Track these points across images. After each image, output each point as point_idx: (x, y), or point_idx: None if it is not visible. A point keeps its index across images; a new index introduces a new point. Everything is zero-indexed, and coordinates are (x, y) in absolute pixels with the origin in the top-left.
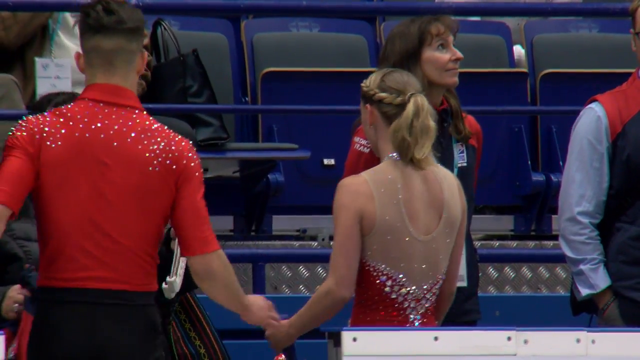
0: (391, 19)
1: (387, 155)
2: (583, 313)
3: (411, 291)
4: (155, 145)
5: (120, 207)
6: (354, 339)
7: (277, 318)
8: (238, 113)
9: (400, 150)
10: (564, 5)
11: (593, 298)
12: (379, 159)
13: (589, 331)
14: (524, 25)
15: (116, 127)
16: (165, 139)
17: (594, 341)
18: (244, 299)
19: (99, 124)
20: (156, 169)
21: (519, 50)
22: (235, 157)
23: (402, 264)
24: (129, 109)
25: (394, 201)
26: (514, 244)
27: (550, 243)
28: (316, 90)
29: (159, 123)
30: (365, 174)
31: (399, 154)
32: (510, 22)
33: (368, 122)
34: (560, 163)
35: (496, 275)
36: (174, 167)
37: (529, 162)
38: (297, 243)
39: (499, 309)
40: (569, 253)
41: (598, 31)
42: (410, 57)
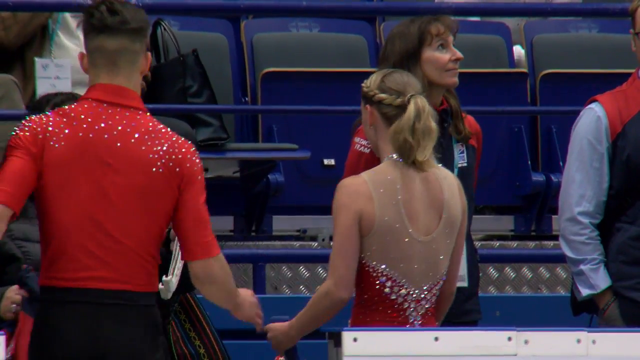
0: (391, 19)
1: (387, 156)
2: (583, 313)
3: (411, 292)
4: (159, 147)
5: (122, 208)
6: (355, 339)
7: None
8: (238, 113)
9: (401, 152)
10: (564, 5)
11: (593, 298)
12: (379, 159)
13: (589, 331)
14: (523, 26)
15: (120, 128)
16: (169, 141)
17: (594, 341)
18: (238, 298)
19: (102, 124)
20: (160, 170)
21: (518, 51)
22: (235, 157)
23: (402, 265)
24: (133, 109)
25: (393, 202)
26: (514, 244)
27: (550, 243)
28: (316, 90)
29: (162, 125)
30: (364, 175)
31: (401, 155)
32: (510, 23)
33: (368, 123)
34: (560, 163)
35: (496, 275)
36: (177, 170)
37: (529, 162)
38: (297, 243)
39: (499, 309)
40: (569, 253)
41: (598, 31)
42: (410, 57)
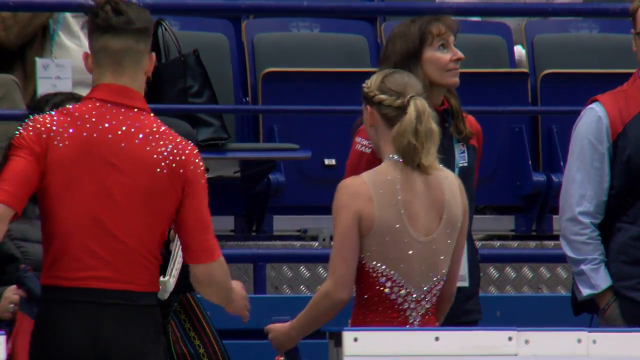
0: (392, 19)
1: (388, 156)
2: (584, 313)
3: (411, 292)
4: (163, 148)
5: (126, 208)
6: (355, 339)
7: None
8: (239, 113)
9: (405, 154)
10: (565, 5)
11: (594, 298)
12: (380, 159)
13: (590, 331)
14: (524, 26)
15: (124, 128)
16: (173, 142)
17: (595, 341)
18: (233, 295)
19: (106, 124)
20: (164, 171)
21: (519, 51)
22: (236, 157)
23: (402, 265)
24: (137, 110)
25: (393, 202)
26: (514, 244)
27: (551, 243)
28: (317, 90)
29: (166, 126)
30: (364, 175)
31: (405, 158)
32: (511, 23)
33: (369, 124)
34: (561, 163)
35: (497, 275)
36: (181, 172)
37: (530, 162)
38: (298, 243)
39: (499, 309)
40: (569, 253)
41: (598, 31)
42: (411, 57)
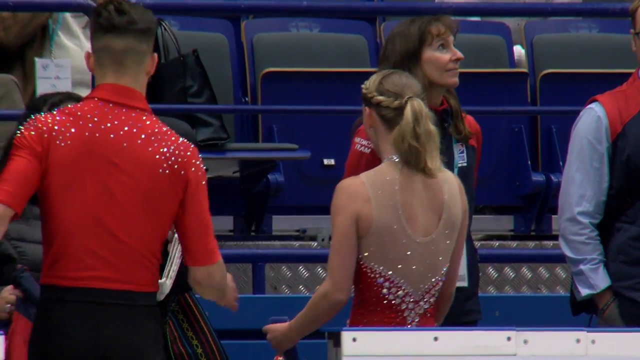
0: (391, 19)
1: (387, 157)
2: (583, 313)
3: (409, 293)
4: (165, 149)
5: (128, 208)
6: (354, 339)
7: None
8: (238, 113)
9: (409, 158)
10: (564, 5)
11: (593, 298)
12: (380, 159)
13: (588, 331)
14: (524, 26)
15: (126, 128)
16: (175, 143)
17: (593, 341)
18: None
19: (108, 124)
20: (166, 171)
21: (519, 51)
22: (235, 157)
23: (400, 266)
24: (139, 110)
25: (391, 203)
26: (513, 244)
27: (550, 243)
28: (316, 90)
29: (167, 127)
30: (363, 176)
31: (408, 161)
32: (510, 23)
33: (368, 125)
34: (560, 163)
35: (496, 275)
36: (182, 173)
37: (529, 162)
38: (297, 243)
39: (498, 309)
40: (568, 253)
41: (598, 31)
42: (410, 57)
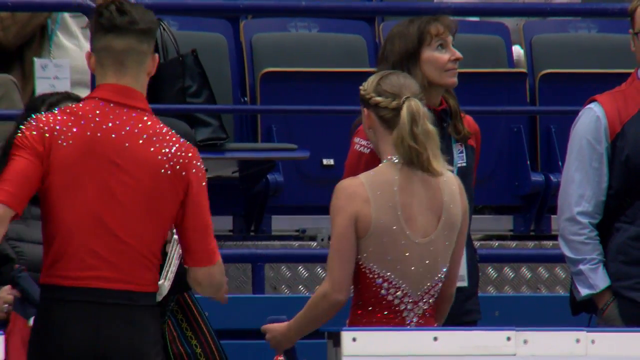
0: (390, 19)
1: (387, 157)
2: (582, 313)
3: (408, 293)
4: (167, 149)
5: (129, 208)
6: (354, 339)
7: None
8: (237, 113)
9: (411, 159)
10: (563, 5)
11: (592, 298)
12: (379, 160)
13: (588, 331)
14: (522, 26)
15: (128, 128)
16: (176, 144)
17: (593, 341)
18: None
19: (110, 124)
20: (167, 172)
21: (518, 51)
22: (235, 157)
23: (399, 267)
24: (140, 111)
25: (390, 204)
26: (513, 244)
27: (549, 243)
28: (315, 90)
29: (167, 127)
30: (362, 177)
31: (412, 163)
32: (509, 23)
33: (367, 126)
34: (560, 163)
35: (495, 275)
36: (184, 174)
37: (528, 162)
38: (297, 243)
39: (498, 309)
40: (568, 253)
41: (597, 31)
42: (409, 57)
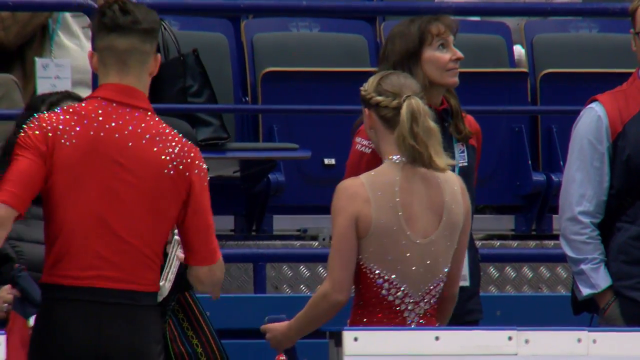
0: (391, 19)
1: (388, 158)
2: (584, 313)
3: (409, 294)
4: (170, 150)
5: (131, 207)
6: (355, 339)
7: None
8: (238, 113)
9: (413, 157)
10: (564, 5)
11: (594, 298)
12: (381, 159)
13: (590, 331)
14: (524, 25)
15: (130, 128)
16: (179, 144)
17: (595, 341)
18: None
19: (113, 123)
20: (171, 172)
21: (519, 50)
22: (236, 157)
23: (399, 267)
24: (142, 110)
25: (391, 204)
26: (514, 243)
27: (551, 243)
28: (316, 90)
29: (170, 127)
30: (363, 177)
31: (414, 161)
32: (510, 22)
33: (368, 126)
34: (561, 163)
35: (497, 275)
36: (187, 174)
37: (530, 162)
38: (298, 243)
39: (500, 309)
40: (569, 253)
41: (598, 31)
42: (410, 57)
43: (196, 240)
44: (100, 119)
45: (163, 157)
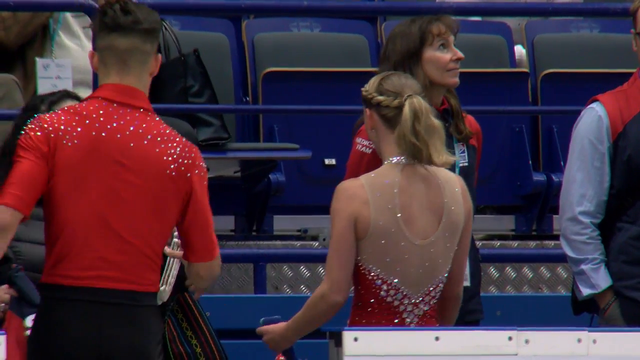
0: (392, 19)
1: (388, 159)
2: (584, 313)
3: (407, 295)
4: (172, 150)
5: (133, 208)
6: (355, 339)
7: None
8: (239, 113)
9: (413, 155)
10: (565, 5)
11: (594, 298)
12: (381, 160)
13: (590, 331)
14: (524, 25)
15: (132, 129)
16: (180, 145)
17: (595, 341)
18: None
19: (114, 123)
20: (172, 173)
21: (520, 50)
22: (236, 157)
23: (398, 268)
24: (143, 111)
25: (390, 206)
26: (515, 243)
27: (551, 243)
28: (317, 90)
29: (170, 127)
30: (362, 178)
31: (413, 159)
32: (511, 22)
33: (369, 126)
34: (561, 163)
35: (497, 275)
36: (188, 175)
37: (530, 162)
38: (298, 243)
39: (500, 309)
40: (570, 253)
41: (599, 31)
42: (411, 57)
43: (197, 238)
44: (102, 119)
45: (165, 158)
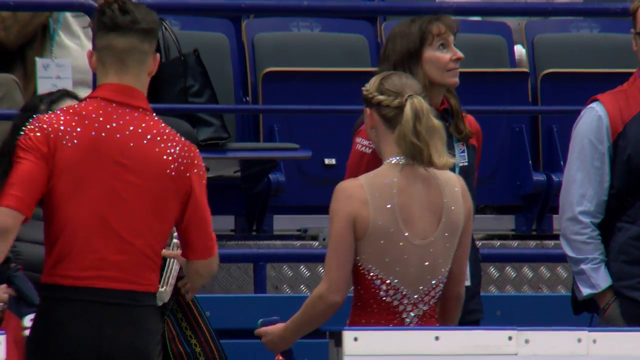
0: (392, 19)
1: (388, 159)
2: (584, 313)
3: (407, 295)
4: (172, 150)
5: (133, 208)
6: (355, 339)
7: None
8: (239, 113)
9: (413, 155)
10: (565, 5)
11: (594, 298)
12: (381, 160)
13: (590, 331)
14: (524, 25)
15: (131, 128)
16: (180, 144)
17: (595, 341)
18: None
19: (114, 123)
20: (172, 173)
21: (519, 50)
22: (236, 157)
23: (397, 268)
24: (142, 110)
25: (389, 206)
26: (515, 243)
27: (551, 243)
28: (317, 90)
29: (169, 127)
30: (362, 178)
31: (413, 159)
32: (511, 22)
33: (369, 126)
34: (561, 163)
35: (497, 275)
36: (187, 175)
37: (530, 162)
38: (298, 243)
39: (500, 309)
40: (570, 252)
41: (599, 31)
42: (411, 57)
43: (196, 236)
44: (101, 119)
45: (165, 158)
